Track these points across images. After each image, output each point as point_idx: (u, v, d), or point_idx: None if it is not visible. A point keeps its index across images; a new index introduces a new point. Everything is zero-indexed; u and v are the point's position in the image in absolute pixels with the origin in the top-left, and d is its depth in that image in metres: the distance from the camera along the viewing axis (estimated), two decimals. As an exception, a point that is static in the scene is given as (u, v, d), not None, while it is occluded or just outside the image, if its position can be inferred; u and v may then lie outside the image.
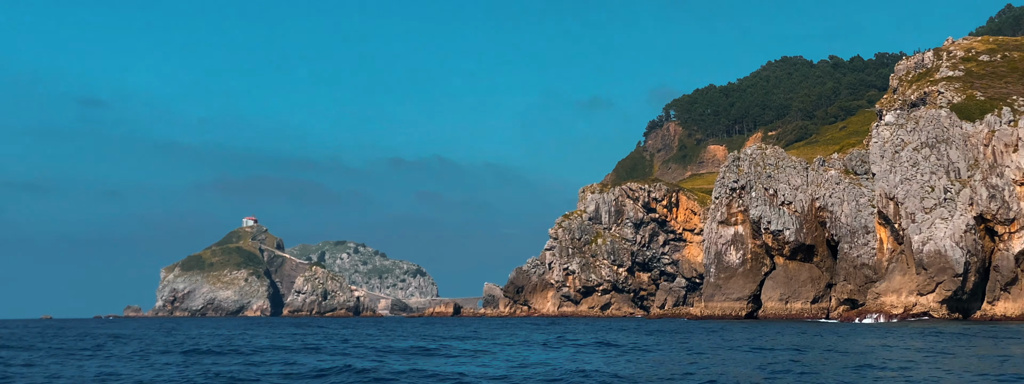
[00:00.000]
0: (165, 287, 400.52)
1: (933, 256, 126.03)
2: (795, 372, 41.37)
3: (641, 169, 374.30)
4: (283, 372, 43.69)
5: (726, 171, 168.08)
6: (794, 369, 42.61)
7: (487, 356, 52.98)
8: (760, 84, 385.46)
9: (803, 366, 43.91)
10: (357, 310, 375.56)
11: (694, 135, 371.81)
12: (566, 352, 57.11)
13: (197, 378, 40.89)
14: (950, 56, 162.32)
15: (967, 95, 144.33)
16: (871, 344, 62.35)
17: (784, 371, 41.92)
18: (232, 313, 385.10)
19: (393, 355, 55.83)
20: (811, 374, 40.36)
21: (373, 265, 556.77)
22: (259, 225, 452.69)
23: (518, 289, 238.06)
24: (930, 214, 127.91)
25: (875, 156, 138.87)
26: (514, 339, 78.87)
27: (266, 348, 66.08)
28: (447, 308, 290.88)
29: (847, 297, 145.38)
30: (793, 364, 45.00)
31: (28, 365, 50.52)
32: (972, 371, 40.60)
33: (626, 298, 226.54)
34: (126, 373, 44.71)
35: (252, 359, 53.58)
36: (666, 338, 77.66)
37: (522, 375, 41.93)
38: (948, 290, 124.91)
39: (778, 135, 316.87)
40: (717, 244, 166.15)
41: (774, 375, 40.19)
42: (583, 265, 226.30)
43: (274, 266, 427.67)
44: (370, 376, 41.20)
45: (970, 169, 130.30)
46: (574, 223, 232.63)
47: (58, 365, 50.50)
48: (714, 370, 42.68)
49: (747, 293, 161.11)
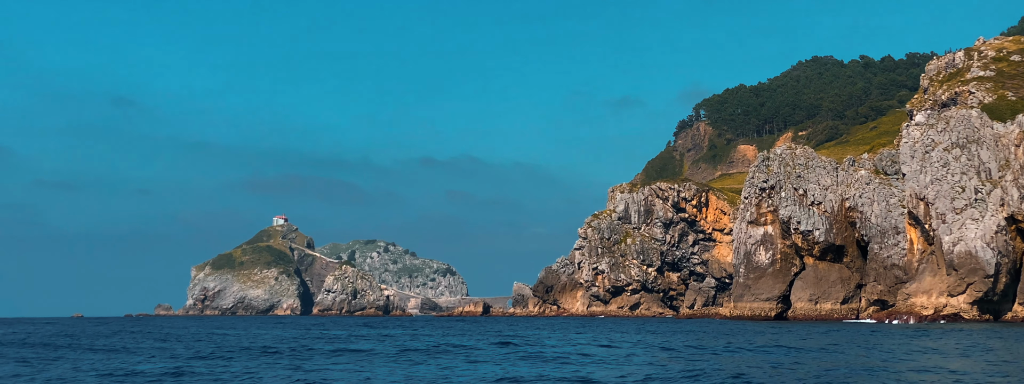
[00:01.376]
0: (196, 286, 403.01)
1: (964, 257, 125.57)
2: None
3: (671, 169, 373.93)
4: (582, 377, 42.14)
5: (756, 171, 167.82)
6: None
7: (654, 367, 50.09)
8: (790, 84, 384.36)
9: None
10: (387, 309, 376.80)
11: (724, 135, 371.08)
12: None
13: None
14: (981, 56, 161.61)
15: (998, 95, 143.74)
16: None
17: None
18: (262, 312, 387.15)
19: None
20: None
21: (403, 264, 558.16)
22: (289, 224, 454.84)
23: (547, 289, 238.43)
24: (961, 215, 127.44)
25: (905, 156, 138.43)
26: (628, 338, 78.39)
27: (476, 347, 64.15)
28: (476, 307, 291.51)
29: (877, 298, 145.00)
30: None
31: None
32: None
33: (655, 298, 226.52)
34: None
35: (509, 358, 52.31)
36: (769, 338, 76.39)
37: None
38: (979, 291, 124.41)
39: (808, 135, 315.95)
40: (746, 244, 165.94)
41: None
42: (612, 265, 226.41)
43: (304, 265, 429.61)
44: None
45: (1001, 170, 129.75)
46: (603, 223, 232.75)
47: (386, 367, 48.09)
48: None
49: (776, 293, 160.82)
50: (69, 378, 42.44)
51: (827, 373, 40.95)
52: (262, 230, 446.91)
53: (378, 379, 40.33)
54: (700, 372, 42.23)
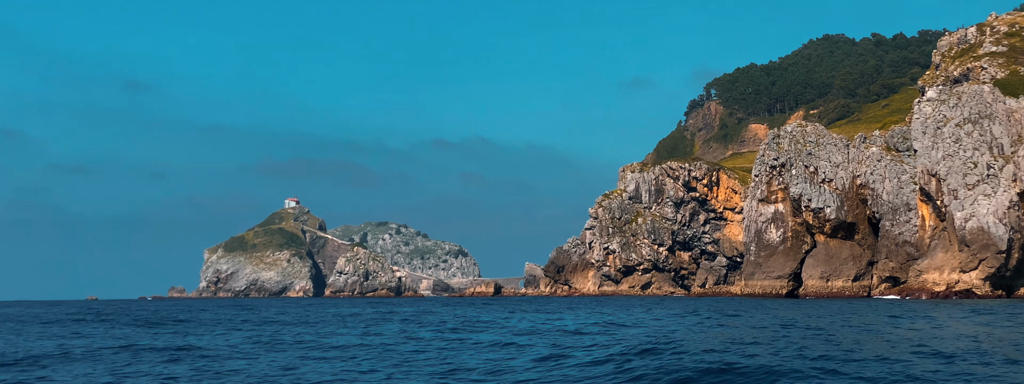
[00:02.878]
0: (209, 268, 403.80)
1: (976, 233, 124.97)
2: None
3: (682, 148, 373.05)
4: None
5: (766, 149, 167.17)
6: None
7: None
8: (802, 62, 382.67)
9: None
10: (399, 290, 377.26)
11: (735, 114, 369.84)
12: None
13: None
14: (994, 31, 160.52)
15: (1011, 70, 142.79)
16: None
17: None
18: (275, 294, 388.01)
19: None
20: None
21: (415, 246, 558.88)
22: (301, 206, 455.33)
23: (559, 269, 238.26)
24: (973, 191, 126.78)
25: (917, 132, 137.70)
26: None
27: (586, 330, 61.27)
28: (488, 288, 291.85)
29: (889, 275, 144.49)
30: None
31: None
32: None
33: (666, 277, 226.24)
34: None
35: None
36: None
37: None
38: (991, 267, 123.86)
39: (820, 113, 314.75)
40: (757, 222, 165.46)
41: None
42: (623, 244, 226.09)
43: (316, 247, 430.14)
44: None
45: (1013, 145, 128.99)
46: (614, 202, 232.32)
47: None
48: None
49: (788, 271, 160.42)
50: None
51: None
52: (274, 213, 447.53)
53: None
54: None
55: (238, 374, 31.57)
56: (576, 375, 29.81)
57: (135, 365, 35.11)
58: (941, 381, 26.68)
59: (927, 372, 28.56)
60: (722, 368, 28.56)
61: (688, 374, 27.79)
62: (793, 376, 27.17)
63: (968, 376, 27.69)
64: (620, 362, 32.34)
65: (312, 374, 31.45)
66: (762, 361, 30.73)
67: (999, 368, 29.73)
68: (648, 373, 28.67)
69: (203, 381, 29.91)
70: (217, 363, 35.58)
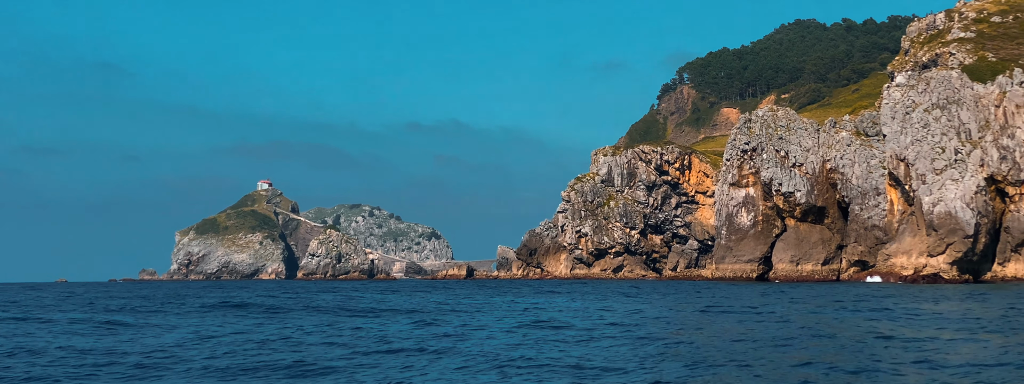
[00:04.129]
0: (180, 250, 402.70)
1: (944, 217, 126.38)
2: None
3: (654, 132, 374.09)
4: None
5: (738, 133, 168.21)
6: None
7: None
8: (773, 47, 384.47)
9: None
10: (371, 273, 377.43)
11: (707, 98, 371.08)
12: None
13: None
14: (962, 17, 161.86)
15: (979, 56, 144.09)
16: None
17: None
18: (247, 276, 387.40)
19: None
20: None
21: (388, 228, 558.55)
22: (274, 188, 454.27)
23: (531, 252, 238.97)
24: (941, 175, 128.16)
25: (886, 117, 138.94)
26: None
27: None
28: (460, 271, 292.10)
29: (858, 258, 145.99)
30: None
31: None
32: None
33: (638, 260, 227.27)
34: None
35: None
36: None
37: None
38: (958, 251, 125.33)
39: (791, 98, 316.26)
40: (728, 206, 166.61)
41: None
42: (596, 228, 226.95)
43: (289, 229, 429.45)
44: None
45: (981, 130, 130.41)
46: (586, 186, 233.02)
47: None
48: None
49: (758, 255, 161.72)
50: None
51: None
52: (247, 195, 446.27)
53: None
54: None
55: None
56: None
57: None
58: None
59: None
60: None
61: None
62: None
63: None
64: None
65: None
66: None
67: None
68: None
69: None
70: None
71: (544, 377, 25.97)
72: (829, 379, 24.60)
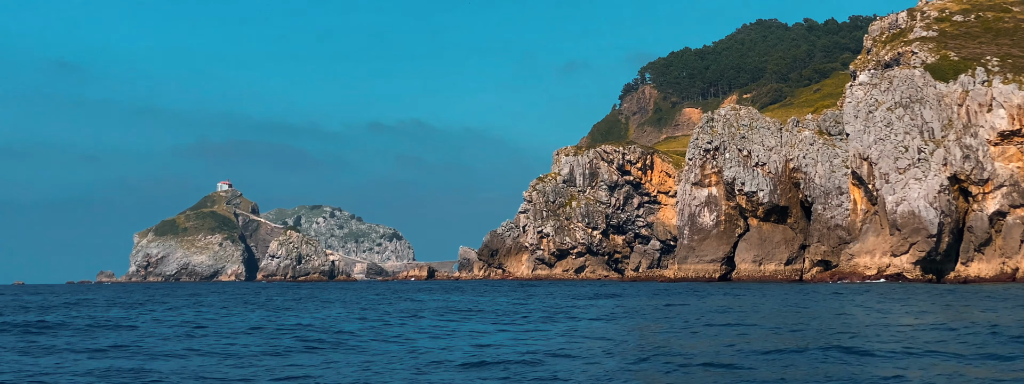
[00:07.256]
0: (139, 252, 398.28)
1: (907, 217, 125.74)
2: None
3: (616, 132, 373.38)
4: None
5: (700, 132, 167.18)
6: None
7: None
8: (735, 47, 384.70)
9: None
10: (332, 274, 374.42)
11: (669, 98, 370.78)
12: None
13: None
14: (924, 16, 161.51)
15: (941, 55, 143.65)
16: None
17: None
18: (206, 278, 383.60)
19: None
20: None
21: (349, 229, 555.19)
22: (234, 189, 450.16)
23: (492, 252, 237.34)
24: (904, 175, 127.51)
25: (849, 116, 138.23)
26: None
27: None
28: (421, 272, 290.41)
29: (821, 258, 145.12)
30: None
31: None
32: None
33: (600, 261, 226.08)
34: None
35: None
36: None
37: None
38: (922, 251, 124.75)
39: (753, 98, 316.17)
40: (691, 206, 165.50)
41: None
42: (557, 228, 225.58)
43: (249, 231, 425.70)
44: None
45: (944, 129, 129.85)
46: (548, 186, 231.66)
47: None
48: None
49: (721, 255, 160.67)
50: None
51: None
52: (206, 196, 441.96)
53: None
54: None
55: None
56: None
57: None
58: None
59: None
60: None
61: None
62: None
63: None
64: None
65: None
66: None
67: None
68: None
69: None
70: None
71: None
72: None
